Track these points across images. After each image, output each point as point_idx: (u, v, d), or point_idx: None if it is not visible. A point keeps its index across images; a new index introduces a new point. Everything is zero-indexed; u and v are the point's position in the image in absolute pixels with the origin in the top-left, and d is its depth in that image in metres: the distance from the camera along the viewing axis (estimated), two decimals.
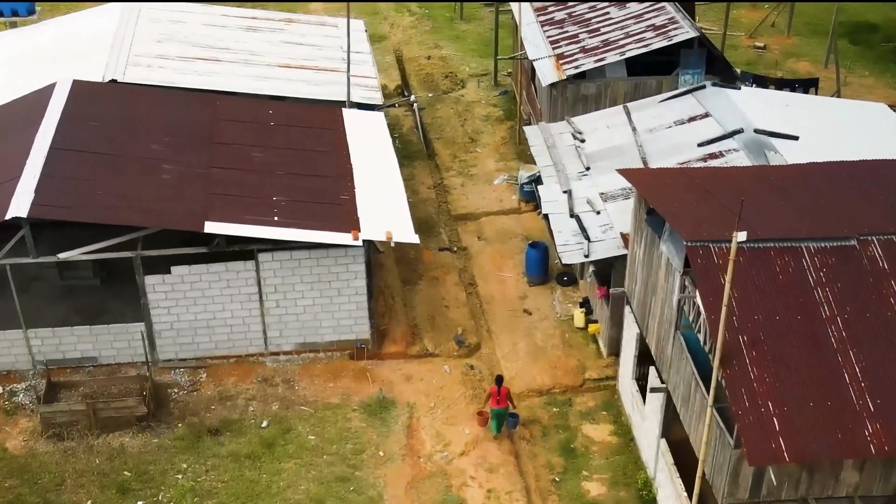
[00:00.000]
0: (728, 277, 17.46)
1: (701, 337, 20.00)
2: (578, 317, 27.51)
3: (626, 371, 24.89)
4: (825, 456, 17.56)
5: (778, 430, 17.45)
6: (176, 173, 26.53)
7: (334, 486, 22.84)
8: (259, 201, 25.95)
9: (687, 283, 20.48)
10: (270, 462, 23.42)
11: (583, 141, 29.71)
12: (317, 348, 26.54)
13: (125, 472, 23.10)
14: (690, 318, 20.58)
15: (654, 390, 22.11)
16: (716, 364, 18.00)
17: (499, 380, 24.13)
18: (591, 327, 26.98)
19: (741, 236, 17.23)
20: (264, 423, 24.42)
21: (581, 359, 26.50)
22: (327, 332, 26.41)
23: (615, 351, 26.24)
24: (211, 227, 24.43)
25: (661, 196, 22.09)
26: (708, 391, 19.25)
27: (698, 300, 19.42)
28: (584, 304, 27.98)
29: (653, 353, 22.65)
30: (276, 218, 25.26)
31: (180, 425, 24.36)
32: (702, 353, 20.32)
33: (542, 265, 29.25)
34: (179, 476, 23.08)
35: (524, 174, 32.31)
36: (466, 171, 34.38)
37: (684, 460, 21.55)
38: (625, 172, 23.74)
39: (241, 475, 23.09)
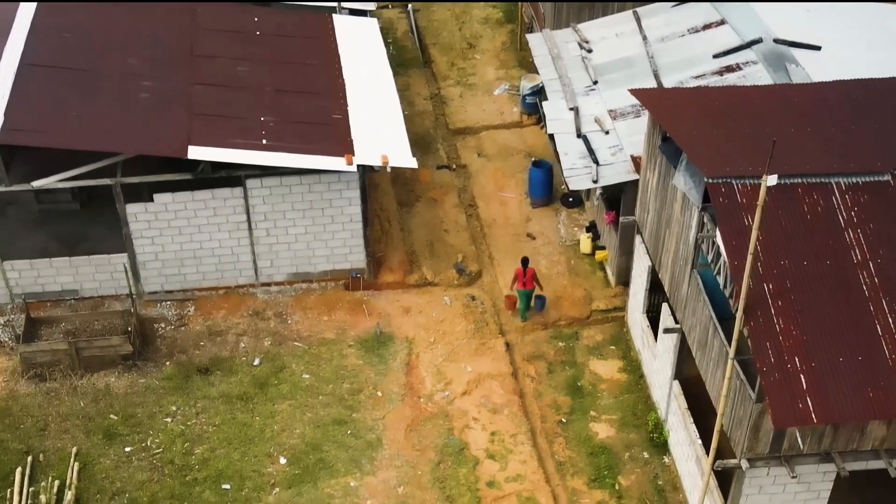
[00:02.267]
0: (755, 224, 16.03)
1: (721, 280, 18.67)
2: (585, 242, 26.13)
3: (636, 304, 23.64)
4: (856, 417, 16.42)
5: (805, 389, 16.26)
6: (156, 91, 24.74)
7: (331, 430, 21.80)
8: (245, 122, 24.27)
9: (706, 221, 19.06)
10: (263, 403, 22.34)
11: (590, 51, 27.83)
12: (310, 278, 25.22)
13: (111, 416, 22.02)
14: (709, 258, 19.22)
15: (667, 331, 20.90)
16: (739, 316, 16.71)
17: (524, 261, 24.01)
18: (599, 254, 25.63)
19: (771, 180, 15.73)
20: (256, 361, 23.26)
21: (588, 288, 25.22)
22: (320, 261, 25.06)
23: (624, 280, 24.96)
24: (195, 153, 22.84)
25: (677, 122, 20.48)
26: (727, 336, 18.06)
27: (719, 241, 18.04)
28: (591, 228, 26.56)
29: (666, 289, 21.36)
30: (264, 141, 23.64)
31: (168, 364, 23.19)
32: (720, 293, 19.05)
33: (546, 186, 27.74)
34: (168, 419, 22.01)
35: (526, 84, 30.52)
36: (465, 80, 32.51)
37: (697, 399, 20.50)
38: (638, 94, 22.06)
39: (233, 418, 22.03)
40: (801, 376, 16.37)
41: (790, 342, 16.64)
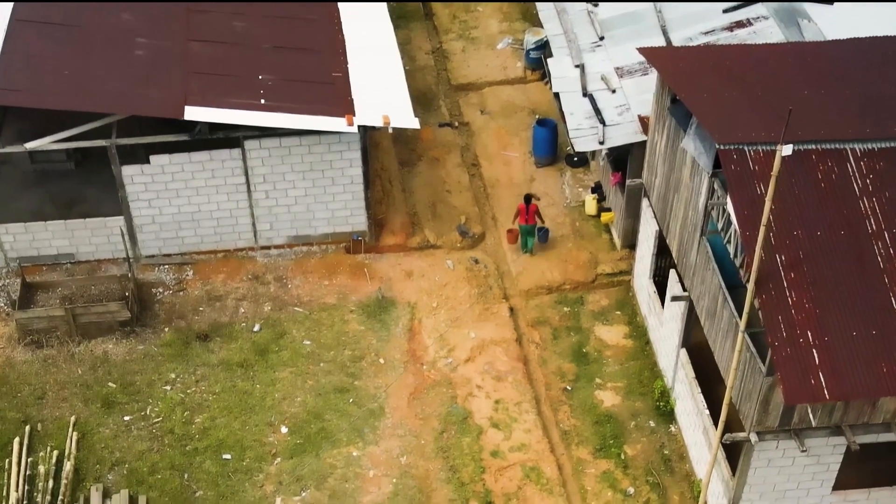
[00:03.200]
0: (769, 195, 15.52)
1: (731, 249, 18.20)
2: (590, 204, 25.61)
3: (642, 269, 23.18)
4: (869, 394, 16.03)
5: (817, 364, 15.85)
6: (151, 48, 24.07)
7: (332, 398, 21.48)
8: (243, 81, 23.63)
9: (716, 187, 18.54)
10: (264, 371, 22.00)
11: (596, 4, 27.05)
12: (310, 241, 24.75)
13: (110, 384, 21.70)
14: (719, 226, 18.73)
15: (675, 299, 20.46)
16: (750, 288, 16.28)
17: (527, 198, 24.43)
18: (604, 216, 25.11)
19: (786, 150, 15.20)
20: (256, 327, 22.88)
21: (593, 251, 24.75)
22: (321, 224, 24.57)
23: (630, 243, 24.47)
24: (192, 114, 22.26)
25: (687, 83, 19.86)
26: (737, 307, 17.64)
27: (730, 210, 17.54)
28: (597, 189, 26.02)
29: (674, 255, 20.89)
30: (262, 101, 23.00)
31: (167, 330, 22.82)
32: (729, 260, 18.59)
33: (551, 145, 27.13)
34: (168, 387, 21.69)
35: (531, 39, 29.75)
36: (467, 33, 31.71)
37: (704, 366, 20.15)
38: (646, 53, 21.40)
39: (234, 386, 21.70)
40: (814, 351, 15.96)
41: (802, 315, 16.21)
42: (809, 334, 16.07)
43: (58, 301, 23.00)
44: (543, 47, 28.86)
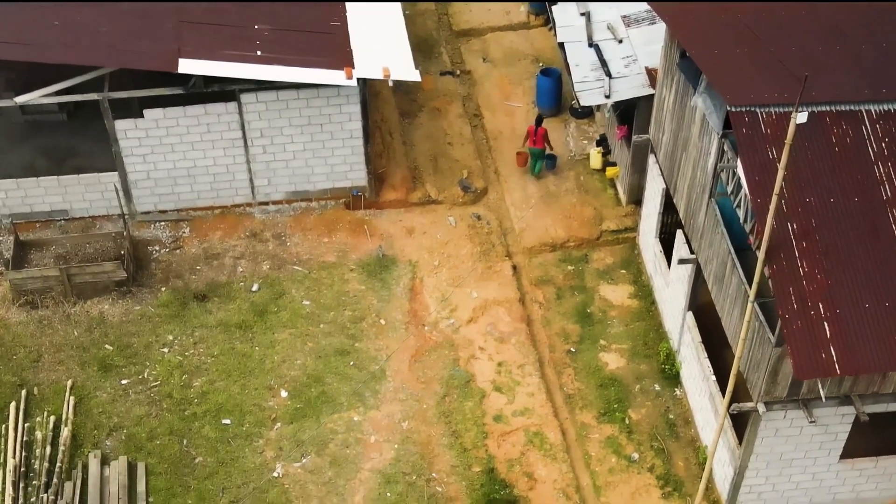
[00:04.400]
0: (782, 163, 14.97)
1: (741, 214, 17.67)
2: (595, 157, 24.99)
3: (648, 227, 22.68)
4: (881, 368, 15.60)
5: (829, 338, 15.43)
6: None
7: (333, 361, 21.14)
8: (239, 31, 22.88)
9: (726, 148, 17.96)
10: (263, 332, 21.62)
11: None
12: (309, 197, 24.22)
13: (106, 346, 21.35)
14: (728, 189, 18.18)
15: (682, 261, 19.99)
16: (760, 259, 15.79)
17: (538, 119, 24.59)
18: (609, 171, 24.53)
19: (801, 117, 14.61)
20: (255, 287, 22.47)
21: (598, 207, 24.21)
22: (320, 179, 24.02)
23: (636, 199, 23.94)
24: (186, 67, 21.57)
25: (697, 39, 19.15)
26: (745, 273, 17.22)
27: (740, 173, 16.99)
28: (602, 142, 25.38)
29: (681, 216, 20.38)
30: (258, 52, 22.28)
31: (164, 290, 22.41)
32: (738, 222, 18.09)
33: (555, 95, 26.43)
34: (165, 350, 21.34)
35: None
36: None
37: (710, 328, 19.76)
38: (655, 5, 20.67)
39: (232, 348, 21.35)
40: (825, 324, 15.52)
41: (814, 287, 15.75)
42: (821, 306, 15.63)
43: (52, 260, 22.52)
44: None
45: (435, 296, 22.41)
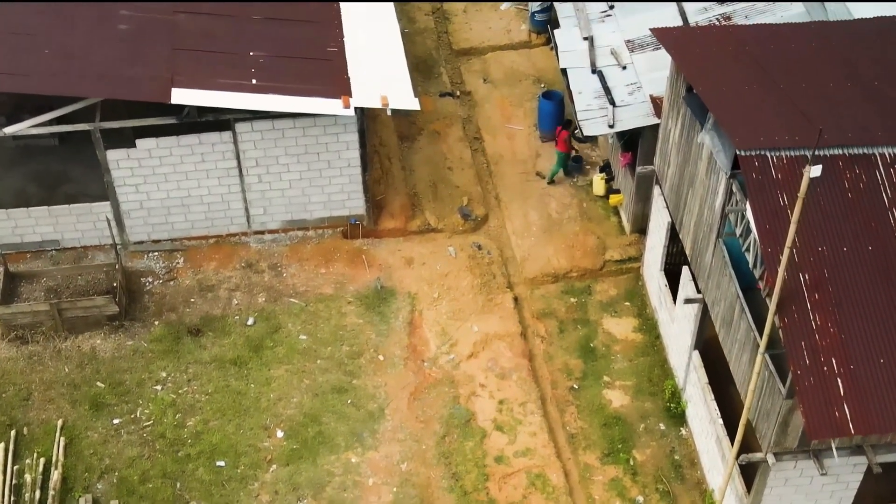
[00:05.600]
0: (794, 217, 14.48)
1: (750, 258, 17.18)
2: (598, 184, 24.46)
3: (653, 259, 22.16)
4: None
5: (842, 395, 14.94)
6: (135, 22, 22.75)
7: (330, 399, 20.65)
8: (233, 58, 22.36)
9: (734, 190, 17.44)
10: (258, 369, 21.12)
11: None
12: (306, 226, 23.70)
13: (98, 384, 20.85)
14: (737, 231, 17.68)
15: (688, 301, 19.48)
16: (771, 311, 15.31)
17: (566, 122, 24.69)
18: (613, 198, 23.99)
19: (815, 171, 14.11)
20: (250, 321, 21.95)
21: (601, 235, 23.68)
22: (317, 208, 23.49)
23: (640, 228, 23.42)
24: (179, 97, 21.05)
25: (704, 73, 18.61)
26: (753, 311, 16.77)
27: (750, 218, 16.48)
28: (605, 168, 24.86)
29: (687, 252, 19.87)
30: (253, 81, 21.78)
31: (157, 323, 21.90)
32: (746, 262, 17.59)
33: (557, 118, 25.82)
34: (158, 387, 20.84)
35: (536, 1, 28.29)
36: None
37: (716, 362, 19.24)
38: (659, 34, 20.10)
39: (227, 385, 20.85)
40: (838, 380, 15.03)
41: (826, 341, 15.25)
42: (834, 362, 15.13)
43: (42, 293, 22.05)
44: (549, 9, 27.46)
45: (435, 330, 21.91)
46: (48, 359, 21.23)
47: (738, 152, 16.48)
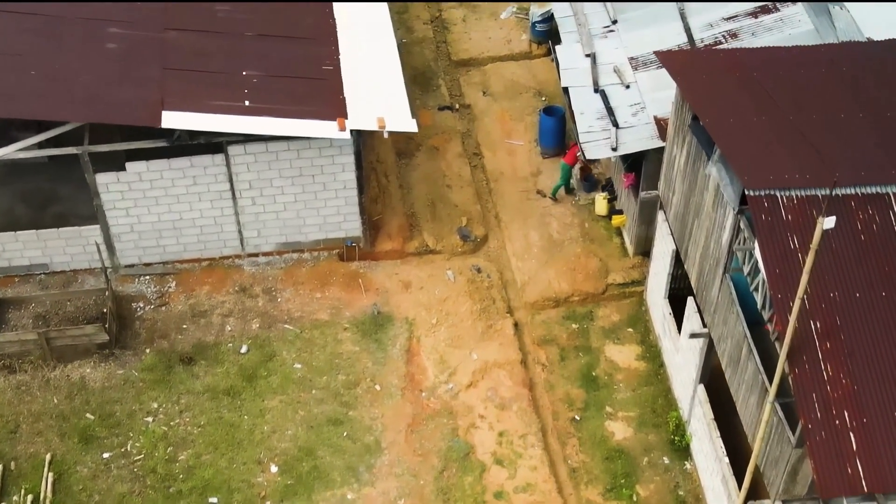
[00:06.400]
0: (806, 267, 13.94)
1: (759, 299, 16.66)
2: (600, 203, 23.87)
3: (657, 285, 21.61)
4: None
5: (855, 450, 14.43)
6: (125, 41, 22.13)
7: (325, 431, 20.14)
8: (226, 78, 21.75)
9: (742, 226, 16.88)
10: (252, 399, 20.61)
11: None
12: (301, 248, 23.13)
13: (87, 416, 20.33)
14: (745, 269, 17.14)
15: (694, 336, 18.95)
16: (781, 360, 14.82)
17: None
18: (616, 219, 23.41)
19: (829, 223, 13.56)
20: (243, 349, 21.41)
21: (603, 257, 23.12)
22: (312, 230, 22.92)
23: (643, 250, 22.87)
24: (170, 120, 20.45)
25: (711, 104, 18.02)
26: (760, 348, 16.29)
27: (758, 256, 15.94)
28: (608, 186, 24.27)
29: (693, 284, 19.33)
30: (246, 102, 21.18)
31: (148, 351, 21.37)
32: (754, 299, 17.06)
33: (558, 134, 25.27)
34: (149, 419, 20.33)
35: (537, 11, 27.62)
36: None
37: (720, 395, 18.73)
38: (665, 58, 19.52)
39: (220, 417, 20.34)
40: (851, 434, 14.52)
41: (838, 392, 14.74)
42: (846, 414, 14.62)
43: (31, 320, 21.52)
44: (550, 19, 26.79)
45: (433, 357, 21.39)
46: (36, 389, 20.72)
47: (746, 192, 15.93)
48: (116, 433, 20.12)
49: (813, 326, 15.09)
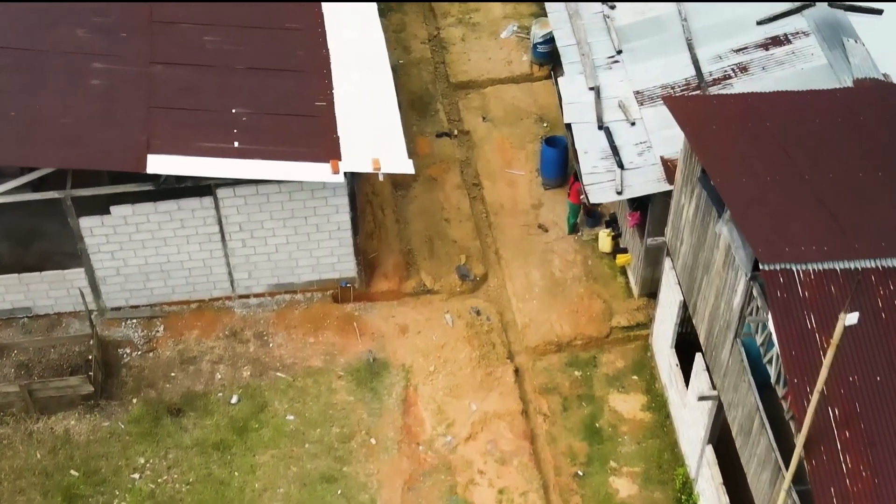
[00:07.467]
0: (826, 362, 13.17)
1: (772, 373, 15.91)
2: (604, 240, 23.04)
3: (663, 333, 20.85)
4: None
5: None
6: (108, 76, 21.15)
7: (319, 489, 19.44)
8: (214, 117, 20.81)
9: (755, 294, 16.08)
10: (243, 454, 19.89)
11: (613, 7, 23.96)
12: (293, 289, 22.33)
13: (72, 472, 19.61)
14: (758, 340, 16.38)
15: (702, 398, 18.21)
16: (797, 450, 14.09)
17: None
18: (620, 258, 22.60)
19: (851, 319, 12.79)
20: (234, 399, 20.67)
21: (607, 298, 22.33)
22: (305, 271, 22.12)
23: (649, 291, 22.09)
24: (155, 165, 19.55)
25: (722, 160, 17.13)
26: (769, 412, 15.59)
27: (772, 331, 15.17)
28: (611, 223, 23.43)
29: (701, 342, 18.57)
30: (236, 143, 20.24)
31: (135, 401, 20.61)
32: (763, 364, 16.34)
33: (560, 165, 24.40)
34: (136, 476, 19.61)
35: (538, 32, 26.64)
36: (467, 17, 28.45)
37: (728, 447, 18.01)
38: (672, 105, 18.61)
39: (209, 474, 19.61)
40: None
41: (858, 486, 13.98)
42: None
43: (13, 370, 20.76)
44: (552, 40, 25.80)
45: (430, 408, 20.64)
46: (19, 443, 19.99)
47: (760, 266, 15.12)
48: (102, 491, 19.41)
49: (831, 413, 14.31)
